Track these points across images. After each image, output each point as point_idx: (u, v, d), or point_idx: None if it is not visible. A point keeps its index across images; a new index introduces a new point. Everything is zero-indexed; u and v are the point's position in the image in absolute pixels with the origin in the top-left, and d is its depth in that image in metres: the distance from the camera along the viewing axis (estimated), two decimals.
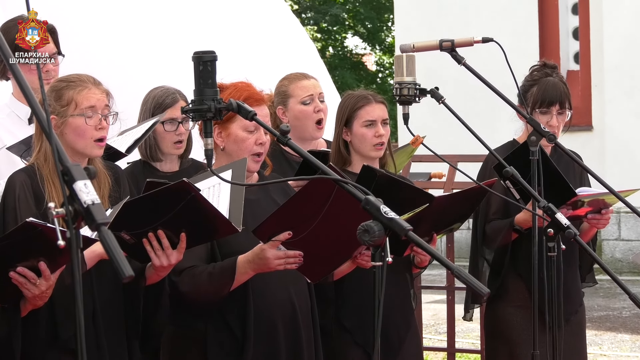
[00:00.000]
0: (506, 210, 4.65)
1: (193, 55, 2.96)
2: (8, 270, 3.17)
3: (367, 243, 2.56)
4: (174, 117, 4.53)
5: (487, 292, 2.55)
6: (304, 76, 4.82)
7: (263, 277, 3.65)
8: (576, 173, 4.82)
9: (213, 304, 3.64)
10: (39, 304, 3.28)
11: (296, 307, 3.77)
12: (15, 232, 3.09)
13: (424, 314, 7.67)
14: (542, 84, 4.63)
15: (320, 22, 27.71)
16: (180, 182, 3.21)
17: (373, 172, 3.91)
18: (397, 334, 4.24)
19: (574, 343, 4.69)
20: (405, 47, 4.15)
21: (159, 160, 4.59)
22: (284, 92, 4.74)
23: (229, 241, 3.66)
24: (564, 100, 4.68)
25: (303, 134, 4.70)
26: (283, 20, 6.90)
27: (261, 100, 3.81)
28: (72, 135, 3.48)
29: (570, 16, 15.84)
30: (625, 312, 10.84)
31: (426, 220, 3.84)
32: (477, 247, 4.78)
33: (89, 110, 3.49)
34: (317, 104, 4.70)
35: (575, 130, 15.02)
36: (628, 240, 14.42)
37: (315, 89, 4.75)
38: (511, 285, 4.71)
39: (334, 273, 3.98)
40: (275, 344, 3.71)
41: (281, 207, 3.48)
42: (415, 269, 4.39)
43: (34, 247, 3.12)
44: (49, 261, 3.17)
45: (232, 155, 3.77)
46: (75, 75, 3.57)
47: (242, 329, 3.67)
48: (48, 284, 3.21)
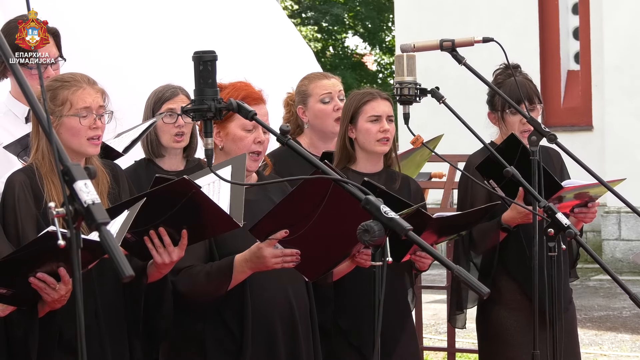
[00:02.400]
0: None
1: (193, 55, 2.96)
2: (28, 276, 3.18)
3: (367, 243, 2.56)
4: (172, 108, 4.54)
5: (487, 292, 2.56)
6: (323, 75, 4.87)
7: (261, 276, 3.65)
8: (556, 169, 4.80)
9: (211, 303, 3.65)
10: (57, 306, 3.29)
11: (294, 307, 3.77)
12: (37, 242, 3.09)
13: (424, 313, 7.67)
14: (506, 86, 4.63)
15: (320, 22, 27.71)
16: (180, 180, 3.22)
17: (373, 188, 3.91)
18: (392, 335, 4.23)
19: (567, 342, 4.68)
20: (406, 46, 4.15)
21: (161, 155, 4.60)
22: (304, 92, 4.78)
23: (227, 241, 3.67)
24: (532, 96, 4.68)
25: (324, 131, 4.75)
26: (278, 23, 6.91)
27: (259, 100, 3.81)
28: (67, 134, 3.48)
29: (571, 16, 15.84)
30: (625, 312, 10.84)
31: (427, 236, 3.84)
32: (463, 252, 4.76)
33: (84, 110, 3.49)
34: (336, 103, 4.74)
35: (576, 130, 15.04)
36: (628, 240, 14.41)
37: (335, 87, 4.78)
38: (503, 287, 4.69)
39: (334, 273, 3.98)
40: (273, 343, 3.71)
41: (277, 205, 3.48)
42: (416, 270, 4.38)
43: (54, 253, 3.13)
44: (67, 266, 3.18)
45: (230, 154, 3.78)
46: (70, 75, 3.58)
47: (240, 328, 3.67)
48: (67, 288, 3.22)
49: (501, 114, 4.71)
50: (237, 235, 3.57)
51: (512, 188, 4.30)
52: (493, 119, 4.79)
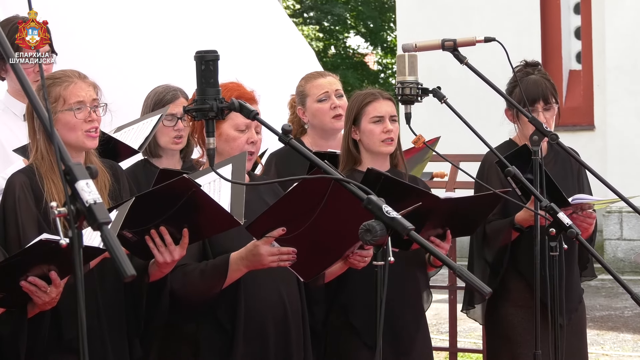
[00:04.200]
0: (505, 209, 4.64)
1: (195, 55, 2.96)
2: (19, 280, 3.19)
3: (369, 242, 2.56)
4: (173, 113, 4.55)
5: (489, 292, 2.55)
6: (319, 74, 4.89)
7: (254, 275, 3.64)
8: (574, 171, 4.81)
9: (205, 301, 3.64)
10: (47, 308, 3.30)
11: (287, 308, 3.76)
12: (30, 249, 3.11)
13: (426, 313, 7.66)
14: (523, 84, 4.61)
15: (322, 21, 27.71)
16: (180, 179, 3.22)
17: (378, 175, 3.91)
18: (407, 334, 4.24)
19: (574, 342, 4.68)
20: (408, 46, 4.15)
21: (158, 156, 4.62)
22: (302, 92, 4.81)
23: (220, 240, 3.66)
24: (548, 95, 4.67)
25: (323, 129, 4.77)
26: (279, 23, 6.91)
27: (251, 100, 3.80)
28: (63, 130, 3.50)
29: (572, 16, 15.84)
30: (627, 311, 10.83)
31: (433, 222, 3.84)
32: (477, 249, 4.77)
33: (77, 104, 3.52)
34: (333, 101, 4.75)
35: (577, 129, 15.04)
36: (630, 240, 14.41)
37: (331, 85, 4.79)
38: (512, 285, 4.70)
39: (326, 275, 3.97)
40: (265, 343, 3.70)
41: (276, 203, 3.48)
42: (430, 267, 4.38)
43: (46, 258, 3.15)
44: (59, 269, 3.19)
45: (223, 154, 3.77)
46: (61, 72, 3.60)
47: (232, 327, 3.66)
48: (58, 291, 3.24)
49: (517, 112, 4.70)
50: (231, 234, 3.57)
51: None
52: (510, 116, 4.78)
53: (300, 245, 3.52)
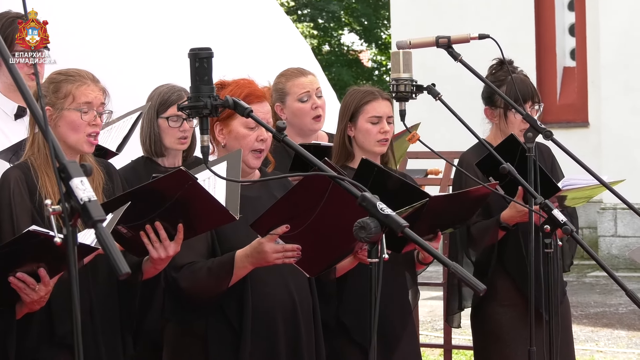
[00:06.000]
0: (487, 209, 4.63)
1: (189, 52, 2.95)
2: (7, 276, 3.18)
3: (363, 240, 2.56)
4: (178, 114, 4.53)
5: (483, 289, 2.56)
6: (300, 72, 4.80)
7: (262, 271, 3.65)
8: (547, 165, 4.80)
9: (213, 299, 3.64)
10: (36, 308, 3.29)
11: (296, 303, 3.76)
12: (17, 240, 3.10)
13: (421, 310, 7.66)
14: (509, 84, 4.59)
15: (316, 18, 27.69)
16: (178, 171, 3.22)
17: (372, 166, 3.92)
18: (393, 332, 4.24)
19: (562, 336, 4.68)
20: (402, 43, 4.15)
21: (162, 155, 4.60)
22: (281, 90, 4.73)
23: (229, 236, 3.67)
24: (534, 94, 4.69)
25: (302, 129, 4.72)
26: (275, 19, 6.91)
27: (262, 97, 3.80)
28: (66, 128, 3.48)
29: (567, 12, 15.85)
30: (621, 308, 10.85)
31: (424, 220, 3.84)
32: (459, 250, 4.76)
33: (85, 105, 3.50)
34: (314, 101, 4.70)
35: (572, 126, 15.05)
36: (624, 236, 14.43)
37: (312, 85, 4.74)
38: (499, 284, 4.69)
39: (337, 269, 3.98)
40: (274, 338, 3.70)
41: (278, 201, 3.48)
42: (420, 265, 4.38)
43: (35, 253, 3.13)
44: (48, 267, 3.18)
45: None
46: (75, 70, 3.58)
47: (239, 324, 3.67)
48: (47, 290, 3.22)
49: (504, 111, 4.69)
50: (239, 230, 3.57)
51: (511, 186, 4.30)
52: (491, 115, 4.77)
53: (304, 241, 3.53)
